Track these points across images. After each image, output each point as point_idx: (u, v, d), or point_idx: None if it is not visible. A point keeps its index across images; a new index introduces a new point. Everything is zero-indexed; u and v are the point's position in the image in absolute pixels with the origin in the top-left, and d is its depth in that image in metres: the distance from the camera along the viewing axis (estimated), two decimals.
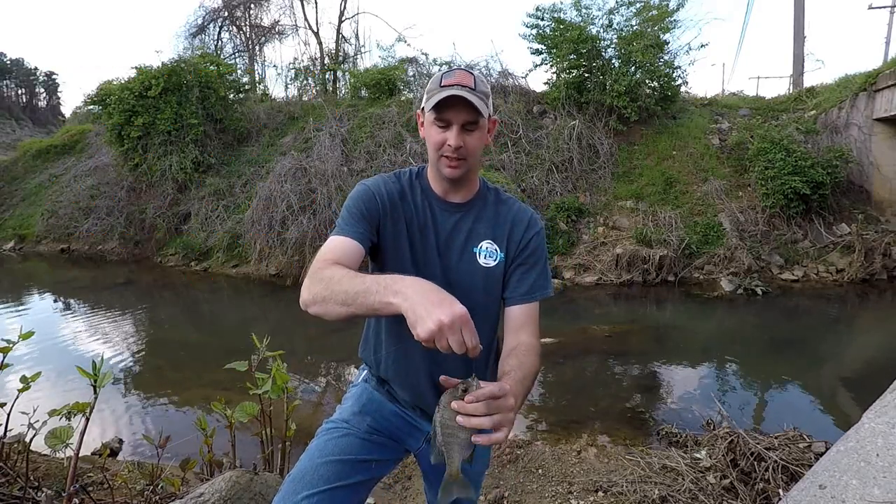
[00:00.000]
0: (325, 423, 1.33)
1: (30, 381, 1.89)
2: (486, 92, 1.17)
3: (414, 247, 1.25)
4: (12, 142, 29.40)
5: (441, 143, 1.16)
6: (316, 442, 1.26)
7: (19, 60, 47.85)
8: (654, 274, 8.22)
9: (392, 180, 1.28)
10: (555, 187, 9.67)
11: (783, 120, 10.67)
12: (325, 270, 1.02)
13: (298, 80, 17.13)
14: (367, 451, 1.26)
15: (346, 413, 1.33)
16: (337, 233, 1.17)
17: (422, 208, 1.26)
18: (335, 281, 0.98)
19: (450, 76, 1.14)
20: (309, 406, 4.28)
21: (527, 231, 1.28)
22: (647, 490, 2.63)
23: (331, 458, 1.20)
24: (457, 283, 1.23)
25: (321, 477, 1.16)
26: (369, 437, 1.28)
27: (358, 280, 0.95)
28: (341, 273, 0.99)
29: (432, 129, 1.17)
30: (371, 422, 1.31)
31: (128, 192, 12.09)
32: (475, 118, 1.14)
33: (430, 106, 1.14)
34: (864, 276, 7.99)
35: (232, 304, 8.26)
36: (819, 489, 1.12)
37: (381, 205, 1.22)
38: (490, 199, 1.31)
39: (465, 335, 0.83)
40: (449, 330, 0.81)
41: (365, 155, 10.50)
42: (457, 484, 0.96)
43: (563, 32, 10.54)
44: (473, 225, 1.27)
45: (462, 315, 0.83)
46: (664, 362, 5.24)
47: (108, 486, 2.10)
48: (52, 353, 5.52)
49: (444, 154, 1.17)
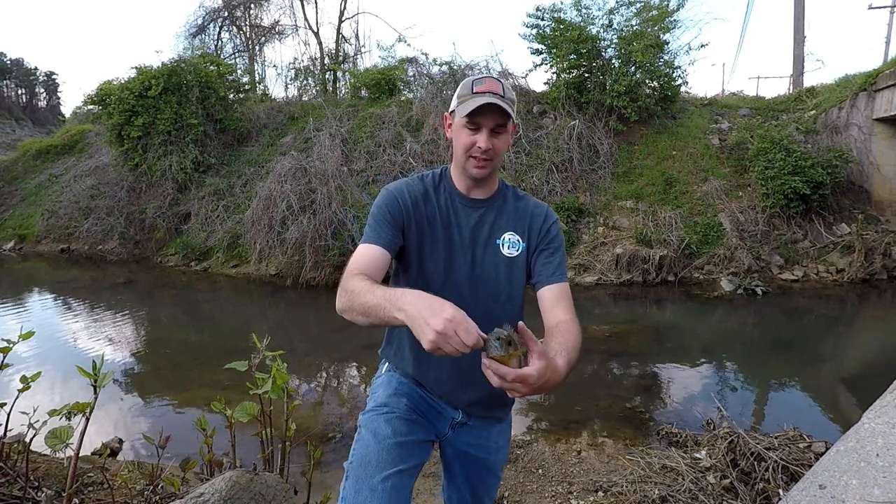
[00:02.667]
0: (363, 413, 1.36)
1: (30, 381, 1.89)
2: (512, 99, 1.26)
3: (438, 243, 1.32)
4: (12, 142, 29.39)
5: (471, 144, 1.24)
6: (366, 428, 1.28)
7: (19, 60, 47.88)
8: (654, 274, 8.22)
9: (415, 183, 1.36)
10: (555, 187, 9.67)
11: (783, 120, 10.67)
12: (350, 282, 1.11)
13: (298, 80, 17.16)
14: (413, 433, 1.30)
15: (382, 398, 1.37)
16: (364, 241, 1.25)
17: (445, 206, 1.34)
18: (356, 293, 1.06)
19: (481, 83, 1.23)
20: (309, 406, 4.28)
21: (545, 221, 1.37)
22: (647, 490, 2.63)
23: (391, 441, 1.23)
24: (482, 273, 1.32)
25: (387, 460, 1.19)
26: (410, 417, 1.32)
27: (371, 295, 1.03)
28: (361, 286, 1.07)
29: (463, 132, 1.25)
30: (407, 402, 1.35)
31: (128, 192, 12.09)
32: (504, 122, 1.24)
33: (464, 112, 1.21)
34: (864, 276, 7.99)
35: (232, 304, 8.26)
36: (819, 489, 1.12)
37: (404, 208, 1.29)
38: (509, 196, 1.40)
39: (460, 336, 0.86)
40: (446, 337, 0.86)
41: (365, 155, 10.49)
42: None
43: (563, 32, 10.53)
44: (496, 219, 1.35)
45: (452, 318, 0.87)
46: (664, 362, 5.24)
47: (107, 486, 2.10)
48: (52, 353, 5.52)
49: (473, 155, 1.25)
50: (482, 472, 1.47)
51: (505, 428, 1.50)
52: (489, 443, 1.45)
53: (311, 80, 17.06)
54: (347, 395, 4.71)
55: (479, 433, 1.44)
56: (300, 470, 2.20)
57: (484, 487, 1.49)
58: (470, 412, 1.41)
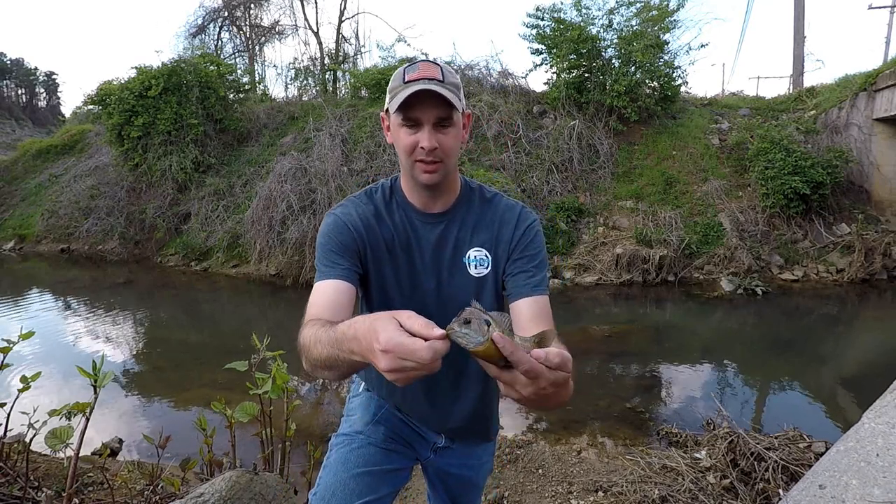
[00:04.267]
0: (336, 436, 1.27)
1: (30, 381, 1.89)
2: (456, 83, 1.04)
3: (400, 269, 1.16)
4: (12, 142, 29.39)
5: (412, 145, 1.04)
6: (336, 455, 1.20)
7: (19, 60, 47.88)
8: (654, 274, 8.22)
9: (363, 202, 1.17)
10: (555, 187, 9.67)
11: (783, 120, 10.66)
12: (301, 337, 0.92)
13: (298, 80, 17.14)
14: (389, 461, 1.21)
15: (358, 424, 1.28)
16: (318, 278, 1.07)
17: (401, 226, 1.16)
18: (308, 349, 0.87)
19: (413, 70, 1.03)
20: (309, 406, 4.28)
21: (516, 228, 1.16)
22: (647, 490, 2.63)
23: (357, 471, 1.15)
24: (451, 298, 1.15)
25: (352, 492, 1.11)
26: (388, 446, 1.24)
27: (321, 345, 0.83)
28: (310, 336, 0.88)
29: (401, 132, 1.05)
30: (385, 430, 1.26)
31: (128, 192, 12.09)
32: (448, 113, 1.02)
33: (395, 106, 1.01)
34: (864, 276, 7.99)
35: (232, 304, 8.26)
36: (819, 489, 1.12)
37: (356, 233, 1.11)
38: (474, 201, 1.20)
39: (408, 348, 0.64)
40: (395, 356, 0.64)
41: (365, 155, 10.49)
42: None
43: (563, 32, 10.53)
44: (459, 233, 1.16)
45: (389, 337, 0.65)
46: (664, 362, 5.24)
47: (107, 486, 2.10)
48: (52, 352, 5.52)
49: (418, 158, 1.04)
50: (465, 487, 1.43)
51: (490, 445, 1.43)
52: (472, 461, 1.39)
53: (311, 80, 17.05)
54: (347, 395, 4.70)
55: (462, 453, 1.36)
56: (300, 470, 2.20)
57: (466, 500, 1.46)
58: (454, 437, 1.33)
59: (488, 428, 1.37)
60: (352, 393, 1.41)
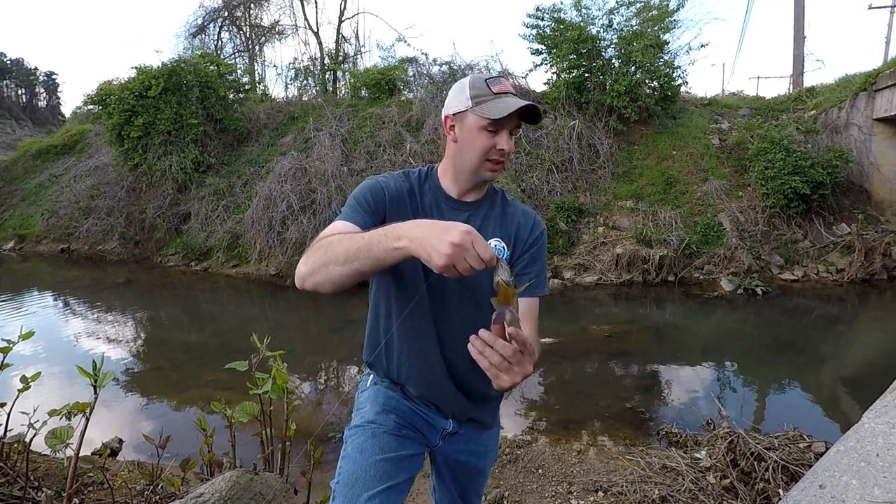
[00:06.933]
0: (349, 428, 1.32)
1: (30, 381, 1.89)
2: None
3: None
4: (12, 142, 29.41)
5: (489, 147, 1.18)
6: (352, 445, 1.25)
7: (19, 60, 47.89)
8: (654, 274, 8.22)
9: (401, 178, 1.29)
10: (555, 187, 9.67)
11: (783, 120, 10.66)
12: (323, 239, 1.03)
13: (298, 80, 17.13)
14: (403, 447, 1.26)
15: (369, 414, 1.32)
16: (341, 218, 1.17)
17: (430, 206, 1.27)
18: (334, 244, 0.98)
19: (497, 83, 1.18)
20: (309, 406, 4.29)
21: (532, 232, 1.31)
22: (647, 490, 2.63)
23: (377, 458, 1.20)
24: (467, 280, 1.22)
25: (374, 477, 1.16)
26: (400, 433, 1.29)
27: (357, 238, 0.95)
28: (340, 236, 1.00)
29: (481, 135, 1.18)
30: (396, 418, 1.31)
31: (128, 192, 12.09)
32: (520, 123, 1.20)
33: (490, 113, 1.15)
34: (864, 276, 7.98)
35: (232, 304, 8.26)
36: (819, 489, 1.12)
37: (387, 198, 1.22)
38: (498, 200, 1.34)
39: (477, 249, 0.83)
40: (463, 249, 0.82)
41: (365, 155, 10.49)
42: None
43: (563, 32, 10.53)
44: (482, 223, 1.28)
45: (469, 230, 0.84)
46: (664, 362, 5.24)
47: (107, 486, 2.10)
48: (52, 352, 5.52)
49: (491, 158, 1.19)
50: (472, 475, 1.47)
51: (495, 432, 1.50)
52: (479, 448, 1.44)
53: (311, 80, 17.05)
54: (347, 395, 4.71)
55: (470, 440, 1.42)
56: (300, 470, 2.20)
57: (472, 488, 1.50)
58: (461, 419, 1.38)
59: (494, 408, 1.46)
60: (360, 389, 1.46)
